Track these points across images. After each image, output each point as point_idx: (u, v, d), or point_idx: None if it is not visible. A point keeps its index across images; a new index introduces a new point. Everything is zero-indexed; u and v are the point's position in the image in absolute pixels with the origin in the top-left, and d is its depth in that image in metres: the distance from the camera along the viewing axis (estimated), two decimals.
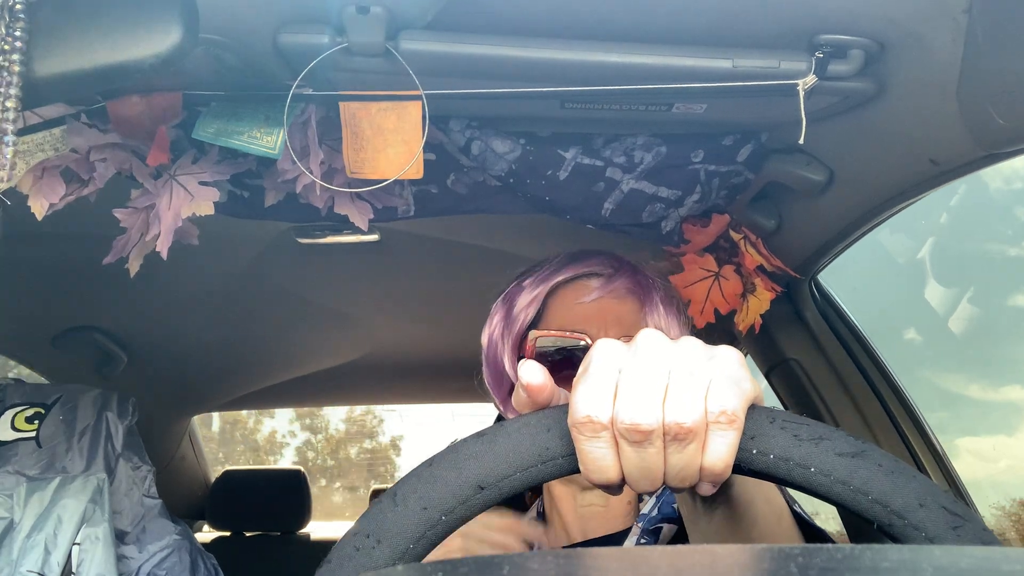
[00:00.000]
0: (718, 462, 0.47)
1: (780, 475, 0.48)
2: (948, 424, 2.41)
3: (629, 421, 0.45)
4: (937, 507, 0.46)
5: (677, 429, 0.45)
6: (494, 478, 0.47)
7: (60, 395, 1.65)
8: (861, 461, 0.47)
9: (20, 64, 0.62)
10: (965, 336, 2.39)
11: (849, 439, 0.48)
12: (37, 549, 1.39)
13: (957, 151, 0.95)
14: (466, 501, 0.47)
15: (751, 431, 0.48)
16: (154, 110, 0.96)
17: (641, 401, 0.45)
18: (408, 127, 0.99)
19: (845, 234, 1.25)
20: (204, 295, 1.95)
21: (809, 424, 0.49)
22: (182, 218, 1.09)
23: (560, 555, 0.37)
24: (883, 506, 0.46)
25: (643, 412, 0.45)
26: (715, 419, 0.46)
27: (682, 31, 0.88)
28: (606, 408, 0.46)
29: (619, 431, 0.46)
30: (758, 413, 0.49)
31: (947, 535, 0.45)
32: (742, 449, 0.48)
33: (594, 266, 1.06)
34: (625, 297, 1.03)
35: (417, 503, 0.46)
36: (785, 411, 0.50)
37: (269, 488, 2.96)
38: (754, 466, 0.48)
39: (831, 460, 0.47)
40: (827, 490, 0.47)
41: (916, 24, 0.83)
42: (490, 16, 0.87)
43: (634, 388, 0.46)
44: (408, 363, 2.55)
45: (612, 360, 0.47)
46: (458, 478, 0.47)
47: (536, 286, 1.05)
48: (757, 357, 1.66)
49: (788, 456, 0.48)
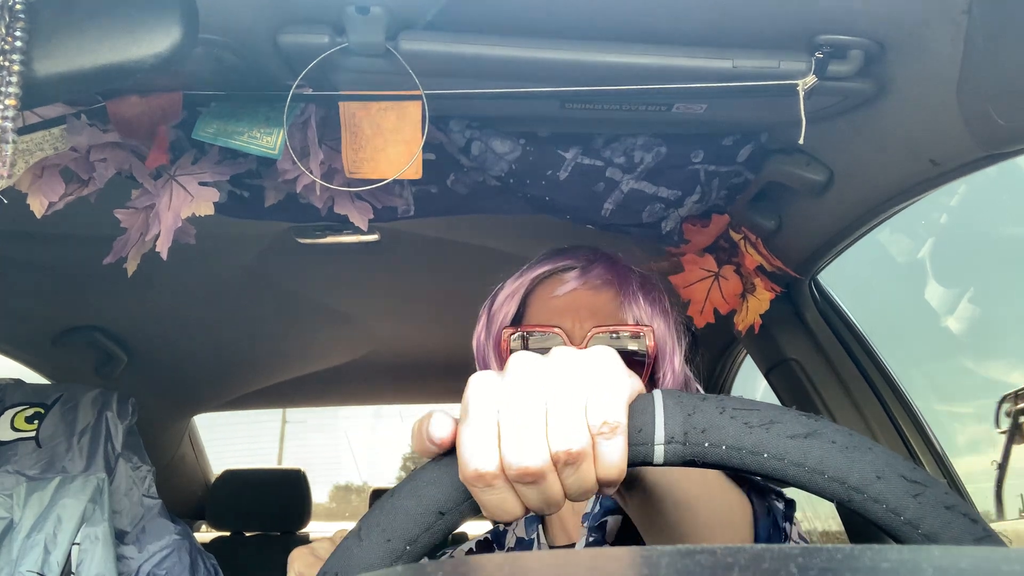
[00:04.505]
0: (611, 469, 0.47)
1: (735, 465, 0.48)
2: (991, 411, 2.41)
3: (518, 466, 0.45)
4: (895, 477, 0.45)
5: (567, 456, 0.45)
6: (402, 538, 0.47)
7: (60, 395, 1.65)
8: (814, 441, 0.47)
9: (20, 64, 0.63)
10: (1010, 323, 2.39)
11: (801, 419, 0.48)
12: (37, 549, 1.39)
13: (957, 151, 0.95)
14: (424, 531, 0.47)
15: (702, 424, 0.48)
16: (154, 110, 0.96)
17: (525, 443, 0.45)
18: (408, 127, 0.99)
19: (845, 234, 1.25)
20: (204, 295, 1.95)
21: (760, 409, 0.48)
22: (182, 218, 1.09)
23: (556, 555, 0.37)
24: (840, 483, 0.46)
25: (530, 454, 0.45)
26: (599, 431, 0.46)
27: (682, 31, 0.88)
28: (492, 457, 0.45)
29: (511, 477, 0.46)
30: (709, 403, 0.49)
31: (908, 504, 0.45)
32: (694, 443, 0.48)
33: (570, 259, 1.04)
34: (601, 288, 1.01)
35: (380, 535, 0.47)
36: (736, 398, 0.49)
37: (269, 488, 2.96)
38: (708, 459, 0.48)
39: (783, 444, 0.47)
40: (783, 474, 0.47)
41: (916, 24, 0.83)
42: (490, 16, 0.87)
43: (516, 429, 0.45)
44: (408, 363, 2.55)
45: (488, 400, 0.47)
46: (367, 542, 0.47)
47: (514, 283, 1.04)
48: (757, 357, 1.66)
49: (740, 445, 0.47)
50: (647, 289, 1.03)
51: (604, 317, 0.99)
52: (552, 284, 1.03)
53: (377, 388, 2.95)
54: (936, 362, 2.40)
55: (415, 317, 2.20)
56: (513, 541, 1.03)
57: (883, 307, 2.21)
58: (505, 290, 1.04)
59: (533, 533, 1.02)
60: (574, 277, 1.02)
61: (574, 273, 1.02)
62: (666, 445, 0.48)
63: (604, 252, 1.06)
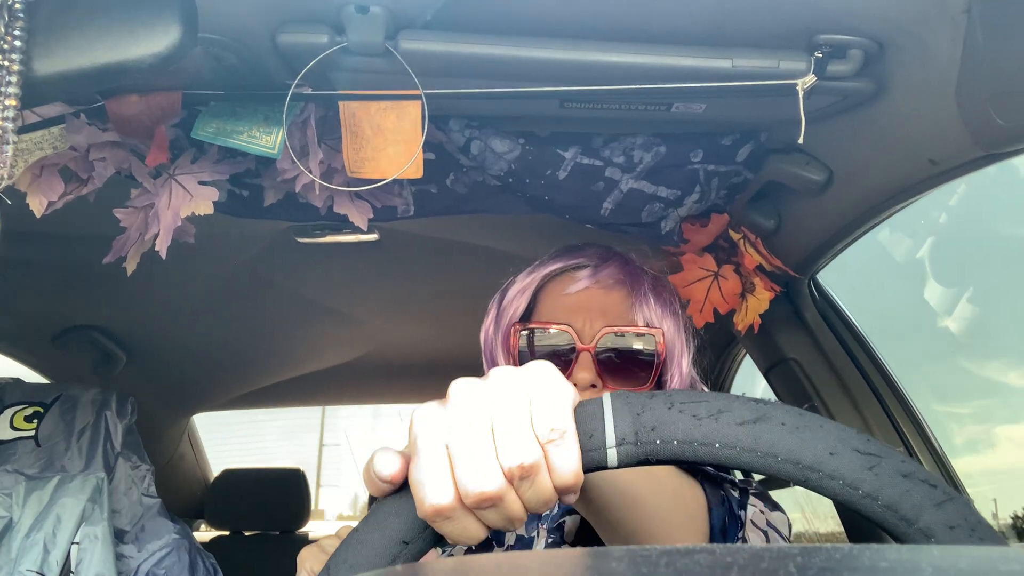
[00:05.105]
0: (567, 475, 0.46)
1: (689, 458, 0.47)
2: (991, 412, 2.41)
3: (475, 493, 0.45)
4: (849, 451, 0.45)
5: (520, 471, 0.45)
6: (370, 570, 0.47)
7: (59, 394, 1.65)
8: (764, 425, 0.46)
9: (20, 63, 0.62)
10: (1005, 323, 2.39)
11: (749, 404, 0.47)
12: (36, 548, 1.39)
13: (956, 151, 0.95)
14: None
15: (651, 422, 0.47)
16: (153, 109, 0.96)
17: (478, 468, 0.45)
18: (407, 127, 0.99)
19: (844, 234, 1.25)
20: (204, 295, 1.95)
21: (708, 400, 0.48)
22: (181, 218, 1.09)
23: (555, 554, 0.37)
24: (795, 463, 0.45)
25: (484, 478, 0.45)
26: (548, 438, 0.46)
27: (682, 31, 0.88)
28: (447, 490, 0.45)
29: (469, 505, 0.46)
30: (657, 400, 0.48)
31: (864, 476, 0.44)
32: (645, 442, 0.47)
33: (582, 257, 1.04)
34: (613, 287, 1.01)
35: (348, 571, 0.47)
36: (684, 391, 0.49)
37: (268, 487, 2.96)
38: (661, 456, 0.48)
39: (733, 431, 0.46)
40: (737, 462, 0.46)
41: (915, 24, 0.83)
42: (489, 16, 0.87)
43: (466, 456, 0.45)
44: (408, 363, 2.55)
45: (435, 434, 0.47)
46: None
47: (526, 278, 1.04)
48: (756, 357, 1.66)
49: (691, 438, 0.47)
50: (658, 291, 1.03)
51: (615, 317, 0.99)
52: (564, 282, 1.03)
53: (377, 388, 2.95)
54: (935, 362, 2.39)
55: (415, 317, 2.20)
56: (513, 539, 1.03)
57: (882, 306, 2.21)
58: (516, 285, 1.04)
59: (534, 531, 1.02)
60: (586, 276, 1.02)
61: (586, 272, 1.02)
62: (618, 447, 0.48)
63: (617, 251, 1.07)
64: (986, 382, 2.56)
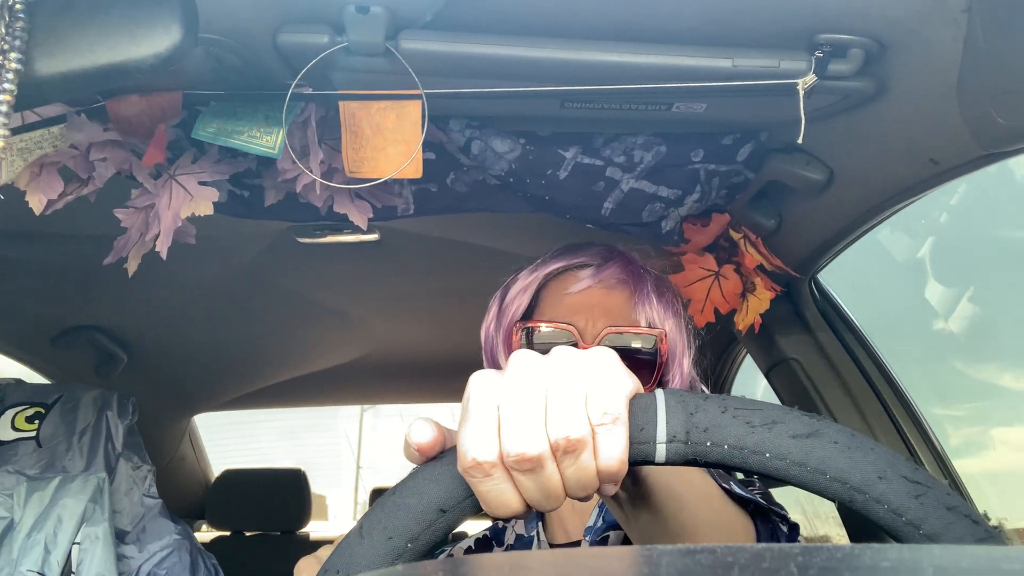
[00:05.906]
0: (613, 462, 0.46)
1: (737, 464, 0.48)
2: (984, 414, 2.41)
3: (516, 453, 0.45)
4: (897, 477, 0.45)
5: (566, 444, 0.45)
6: (404, 535, 0.47)
7: (60, 395, 1.65)
8: (816, 440, 0.47)
9: (19, 63, 0.62)
10: (998, 324, 2.38)
11: (803, 419, 0.48)
12: (37, 548, 1.39)
13: (957, 150, 0.95)
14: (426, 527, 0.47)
15: (704, 423, 0.48)
16: (154, 109, 0.96)
17: (524, 430, 0.45)
18: (408, 126, 0.99)
19: (845, 233, 1.25)
20: (204, 295, 1.95)
21: (762, 409, 0.48)
22: (182, 218, 1.09)
23: (558, 554, 0.37)
24: (842, 483, 0.46)
25: (528, 440, 0.45)
26: (599, 421, 0.46)
27: (682, 31, 0.88)
28: (492, 447, 0.46)
29: (509, 465, 0.46)
30: (711, 403, 0.49)
31: (910, 504, 0.45)
32: (696, 443, 0.47)
33: (585, 256, 1.04)
34: (615, 287, 1.01)
35: (382, 533, 0.47)
36: (738, 397, 0.50)
37: (269, 488, 2.97)
38: (710, 458, 0.48)
39: (786, 443, 0.47)
40: (785, 474, 0.47)
41: (916, 24, 0.83)
42: (490, 15, 0.87)
43: (514, 418, 0.46)
44: (408, 363, 2.55)
45: (488, 396, 0.47)
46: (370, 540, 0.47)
47: (528, 277, 1.04)
48: (757, 356, 1.66)
49: (743, 445, 0.47)
50: (661, 291, 1.03)
51: (617, 317, 0.99)
52: (566, 281, 1.03)
53: (377, 387, 2.95)
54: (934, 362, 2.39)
55: (415, 316, 2.20)
56: (512, 538, 1.03)
57: (883, 306, 2.21)
58: (518, 283, 1.04)
59: (533, 531, 1.01)
60: (589, 275, 1.01)
61: (589, 271, 1.02)
62: (668, 444, 0.48)
63: (620, 251, 1.06)
64: (981, 384, 2.56)
